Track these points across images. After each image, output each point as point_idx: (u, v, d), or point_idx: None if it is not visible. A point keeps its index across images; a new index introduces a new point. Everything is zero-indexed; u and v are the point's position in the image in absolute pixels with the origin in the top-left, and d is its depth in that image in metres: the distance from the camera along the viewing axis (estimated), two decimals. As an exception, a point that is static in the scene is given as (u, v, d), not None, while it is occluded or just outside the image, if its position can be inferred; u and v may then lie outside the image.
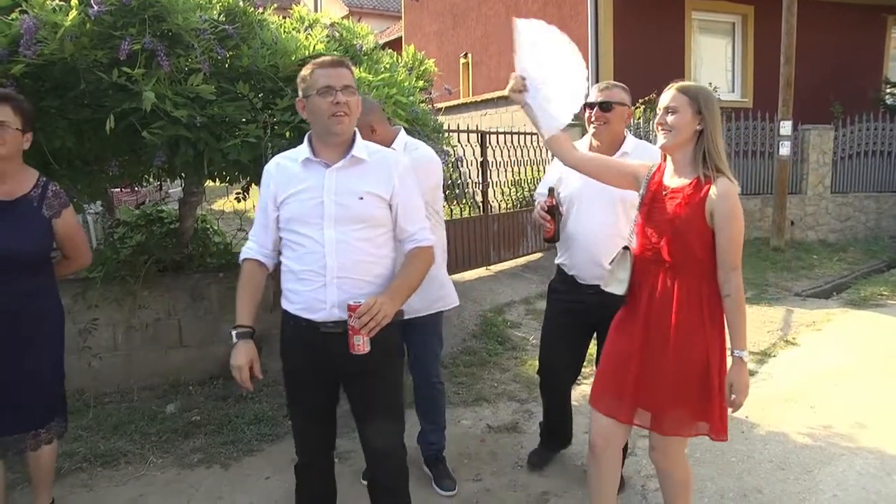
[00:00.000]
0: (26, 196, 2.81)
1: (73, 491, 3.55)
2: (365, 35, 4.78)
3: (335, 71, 2.42)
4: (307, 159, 2.48)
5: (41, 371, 2.86)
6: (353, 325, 2.30)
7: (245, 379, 2.46)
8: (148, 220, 5.45)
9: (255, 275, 2.59)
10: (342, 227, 2.42)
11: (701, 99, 2.53)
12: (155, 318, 4.93)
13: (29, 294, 2.81)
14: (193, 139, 3.66)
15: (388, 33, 21.35)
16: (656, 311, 2.60)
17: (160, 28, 3.41)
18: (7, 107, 2.69)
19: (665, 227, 2.56)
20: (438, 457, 3.70)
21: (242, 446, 4.00)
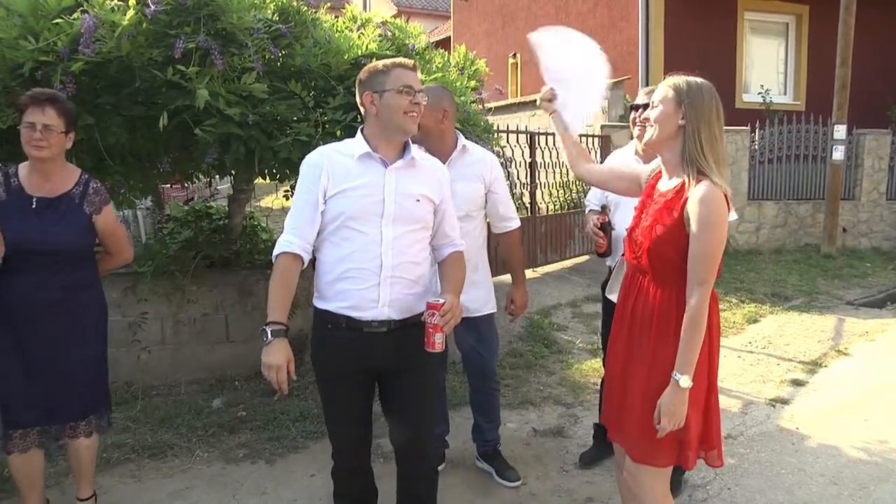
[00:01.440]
0: (68, 193, 2.87)
1: (122, 481, 3.60)
2: (417, 35, 4.77)
3: (415, 74, 2.51)
4: (366, 154, 2.46)
5: (81, 364, 2.92)
6: (437, 323, 2.34)
7: (282, 380, 2.31)
8: (197, 216, 5.53)
9: (292, 270, 2.44)
10: (400, 227, 2.46)
11: (685, 92, 2.31)
12: (203, 314, 4.99)
13: (71, 288, 2.87)
14: (245, 137, 3.69)
15: (436, 33, 21.38)
16: (638, 324, 2.43)
17: (214, 27, 3.44)
18: (52, 110, 2.74)
19: (646, 233, 2.38)
20: (496, 450, 3.72)
21: (287, 443, 4.02)
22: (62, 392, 2.87)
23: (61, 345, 2.86)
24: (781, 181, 10.58)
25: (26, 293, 2.80)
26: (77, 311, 2.91)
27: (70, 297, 2.87)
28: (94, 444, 3.08)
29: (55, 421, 2.93)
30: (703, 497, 3.49)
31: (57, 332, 2.85)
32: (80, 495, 3.13)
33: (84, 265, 2.96)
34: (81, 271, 2.93)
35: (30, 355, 2.82)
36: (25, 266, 2.78)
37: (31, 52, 3.27)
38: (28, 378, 2.82)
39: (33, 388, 2.83)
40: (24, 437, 2.88)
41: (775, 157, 10.49)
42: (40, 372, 2.83)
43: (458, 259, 2.64)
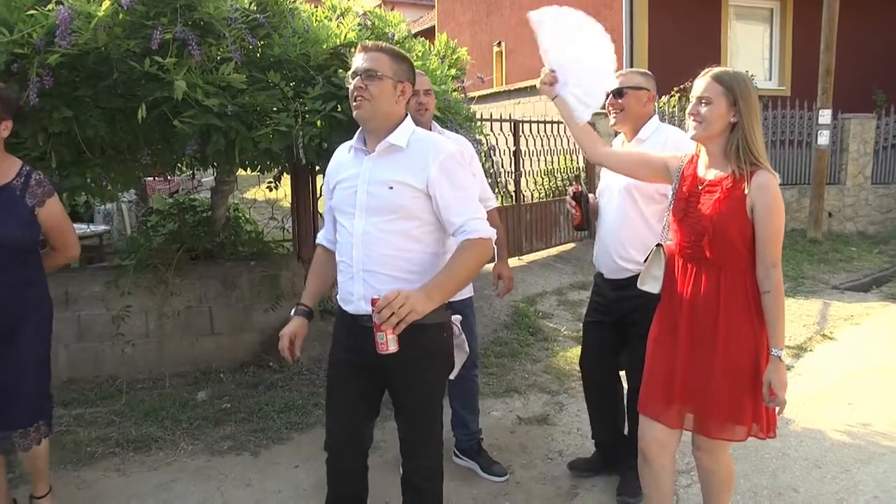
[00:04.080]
0: (9, 185, 2.74)
1: (107, 475, 3.59)
2: (397, 24, 4.75)
3: (364, 55, 2.36)
4: (354, 147, 2.45)
5: (27, 366, 2.79)
6: (375, 320, 2.11)
7: (284, 347, 2.52)
8: (180, 208, 5.49)
9: (321, 259, 2.68)
10: (372, 218, 2.33)
11: (737, 89, 2.40)
12: (186, 306, 4.96)
13: (14, 285, 2.75)
14: (225, 128, 3.66)
15: (421, 22, 21.28)
16: (701, 311, 2.50)
17: (192, 17, 3.41)
18: None
19: (705, 222, 2.45)
20: (479, 445, 3.70)
21: (272, 434, 4.02)
22: (9, 396, 2.74)
23: (5, 346, 2.74)
24: (766, 167, 10.62)
25: None
26: (22, 309, 2.78)
27: (14, 295, 2.75)
28: (45, 447, 2.96)
29: (4, 428, 2.79)
30: (688, 483, 3.51)
31: (1, 333, 2.73)
32: (36, 493, 3.06)
33: (28, 261, 2.82)
34: (25, 267, 2.80)
35: None
36: None
37: (5, 45, 3.22)
38: None
39: None
40: None
41: (762, 143, 10.53)
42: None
43: (463, 248, 2.31)
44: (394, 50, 2.41)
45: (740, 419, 2.48)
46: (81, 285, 4.70)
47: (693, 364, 2.52)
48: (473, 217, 2.34)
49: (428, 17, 21.59)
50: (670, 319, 2.62)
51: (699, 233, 2.47)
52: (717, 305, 2.47)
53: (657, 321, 2.69)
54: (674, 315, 2.60)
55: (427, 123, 3.37)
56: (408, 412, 2.48)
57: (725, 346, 2.46)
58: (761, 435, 2.51)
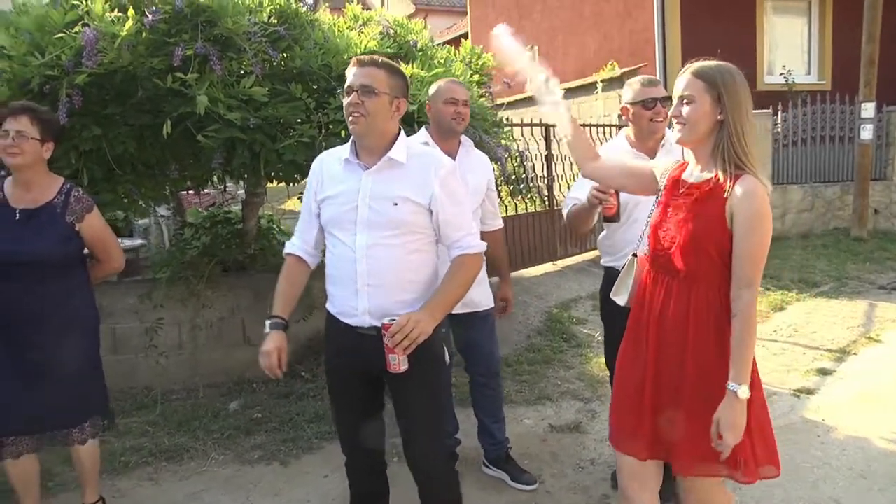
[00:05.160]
0: (50, 203, 2.89)
1: (140, 484, 3.65)
2: (419, 31, 4.77)
3: (359, 70, 2.36)
4: (346, 160, 2.44)
5: (71, 372, 2.92)
6: (387, 343, 2.25)
7: (271, 364, 2.44)
8: (213, 221, 5.57)
9: (293, 270, 2.61)
10: (375, 233, 2.36)
11: (721, 83, 2.13)
12: (219, 318, 5.02)
13: (59, 296, 2.90)
14: (249, 141, 3.72)
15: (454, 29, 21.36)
16: (669, 330, 2.23)
17: (212, 33, 3.48)
18: (25, 117, 2.79)
19: (679, 228, 2.19)
20: (507, 454, 3.66)
21: (302, 444, 4.04)
22: (52, 400, 2.88)
23: (51, 354, 2.87)
24: (807, 164, 10.36)
25: (15, 303, 2.84)
26: (67, 319, 2.93)
27: (59, 306, 2.90)
28: (93, 450, 3.10)
29: (45, 428, 2.95)
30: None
31: (47, 341, 2.87)
32: (84, 500, 3.18)
33: (71, 274, 2.97)
34: (69, 280, 2.95)
35: (20, 364, 2.85)
36: (13, 277, 2.82)
37: (38, 68, 3.34)
38: (17, 387, 2.85)
39: (22, 397, 2.85)
40: (15, 443, 2.92)
41: (799, 140, 10.26)
42: (30, 381, 2.86)
43: (459, 265, 2.44)
44: (390, 64, 2.42)
45: (711, 456, 2.16)
46: (116, 299, 4.79)
47: (660, 389, 2.27)
48: (469, 232, 2.47)
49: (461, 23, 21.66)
50: (638, 337, 2.37)
51: (671, 240, 2.22)
52: (686, 326, 2.20)
53: (626, 338, 2.44)
54: (642, 333, 2.35)
55: (460, 134, 3.36)
56: (413, 418, 2.53)
57: (694, 372, 2.19)
58: (741, 478, 2.19)
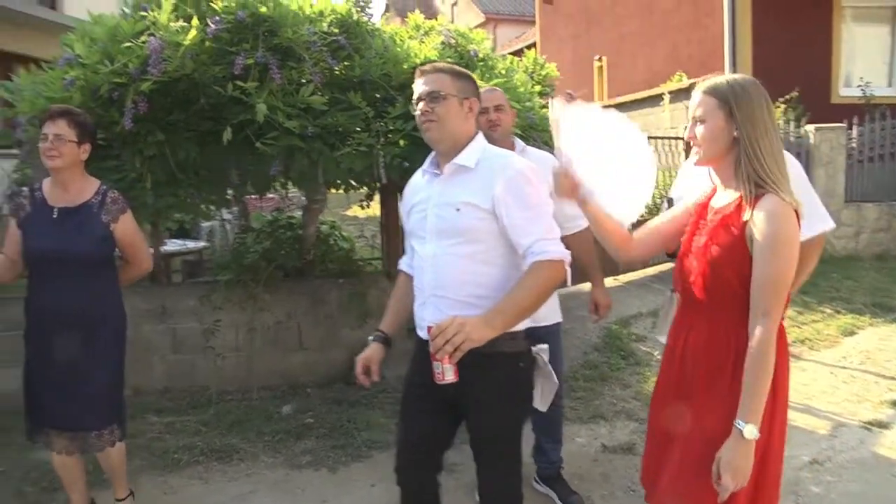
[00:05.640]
0: (87, 203, 2.97)
1: (190, 482, 3.73)
2: (480, 41, 4.75)
3: (423, 78, 2.35)
4: (426, 170, 2.43)
5: (99, 372, 2.99)
6: (430, 349, 2.06)
7: (359, 373, 2.48)
8: (275, 226, 5.66)
9: (401, 285, 2.62)
10: (441, 242, 2.29)
11: (732, 98, 1.99)
12: (276, 322, 5.10)
13: (89, 296, 2.96)
14: (307, 149, 3.76)
15: (523, 38, 21.32)
16: (690, 366, 2.09)
17: (272, 42, 3.54)
18: (63, 121, 2.86)
19: (700, 256, 2.06)
20: (558, 473, 3.60)
21: (352, 451, 4.05)
22: (82, 398, 2.95)
23: (81, 352, 2.94)
24: (884, 181, 9.87)
25: (48, 300, 2.93)
26: (96, 319, 2.99)
27: (90, 305, 2.96)
28: (120, 450, 3.17)
29: (76, 426, 3.00)
30: None
31: (77, 339, 2.93)
32: (116, 496, 3.29)
33: (103, 274, 3.04)
34: (100, 280, 3.02)
35: (52, 361, 2.93)
36: (48, 274, 2.91)
37: (107, 75, 3.46)
38: (49, 383, 2.94)
39: (54, 393, 2.94)
40: (58, 438, 3.01)
41: (876, 155, 9.79)
42: (61, 378, 2.93)
43: (530, 271, 2.21)
44: (453, 68, 2.40)
45: (693, 497, 2.00)
46: (177, 300, 4.92)
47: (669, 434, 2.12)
48: (543, 237, 2.22)
49: (530, 32, 21.61)
50: (664, 378, 2.24)
51: (694, 269, 2.09)
52: (705, 361, 2.05)
53: (658, 380, 2.31)
54: (666, 374, 2.21)
55: (500, 140, 3.28)
56: (480, 444, 2.41)
57: (699, 409, 2.03)
58: None
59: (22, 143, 3.82)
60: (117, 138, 3.67)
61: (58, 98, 3.51)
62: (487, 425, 2.35)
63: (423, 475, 2.53)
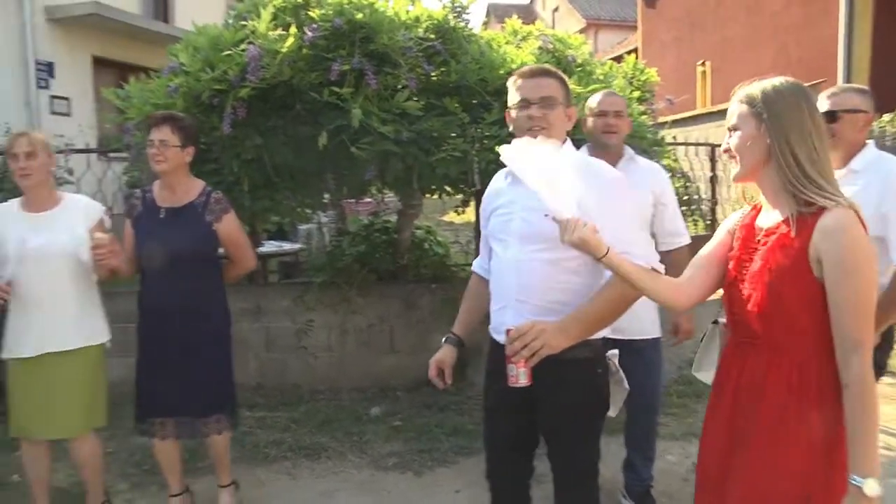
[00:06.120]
0: (192, 203, 3.10)
1: (278, 476, 3.83)
2: (578, 46, 4.68)
3: (533, 81, 2.26)
4: (509, 172, 2.36)
5: (204, 365, 3.12)
6: (506, 352, 2.06)
7: (432, 376, 2.47)
8: (370, 230, 5.75)
9: (474, 287, 2.59)
10: (526, 247, 2.24)
11: (762, 102, 1.77)
12: (368, 324, 5.17)
13: (193, 293, 3.09)
14: (402, 154, 3.79)
15: (624, 44, 20.95)
16: (742, 408, 1.84)
17: (368, 48, 3.59)
18: (166, 127, 2.99)
19: (754, 285, 1.79)
20: (647, 491, 3.49)
21: (438, 456, 4.04)
22: (187, 389, 3.09)
23: (186, 346, 3.08)
24: None
25: (156, 296, 3.09)
26: (201, 314, 3.13)
27: (193, 301, 3.10)
28: (224, 440, 3.30)
29: (182, 414, 3.15)
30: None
31: (182, 334, 3.08)
32: (220, 482, 3.42)
33: (207, 271, 3.17)
34: (205, 277, 3.15)
35: (159, 353, 3.10)
36: (156, 271, 3.06)
37: (208, 82, 3.61)
38: (157, 374, 3.10)
39: (162, 384, 3.09)
40: (162, 426, 3.16)
41: None
42: (168, 370, 3.08)
43: (612, 282, 2.15)
44: (560, 73, 2.36)
45: None
46: (271, 300, 5.06)
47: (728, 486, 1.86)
48: (628, 249, 2.14)
49: (632, 38, 21.21)
50: (712, 421, 1.98)
51: (746, 299, 1.82)
52: (762, 400, 1.79)
53: (705, 425, 2.04)
54: (715, 416, 1.96)
55: (615, 147, 3.20)
56: (555, 448, 2.38)
57: (762, 468, 1.76)
58: None
59: (130, 146, 4.03)
60: (216, 143, 3.81)
61: (162, 104, 3.68)
62: (563, 432, 2.31)
63: (513, 483, 2.52)
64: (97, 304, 3.14)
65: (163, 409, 3.14)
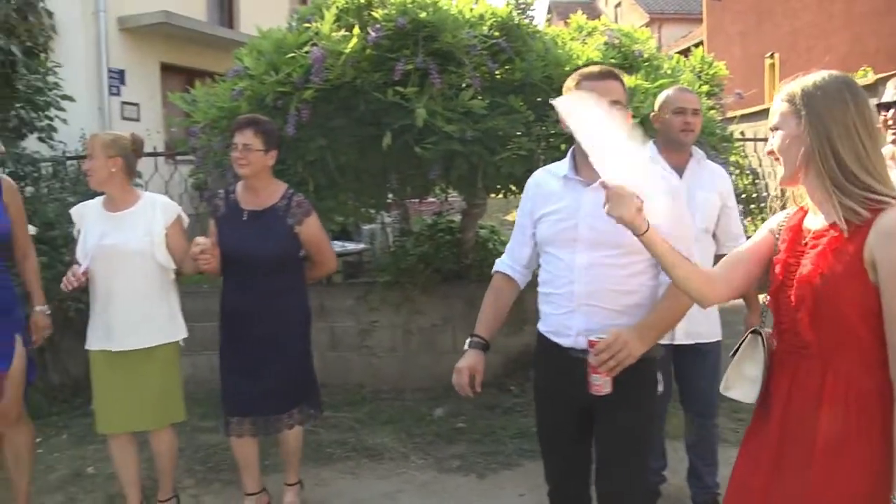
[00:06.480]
0: (274, 206, 3.13)
1: (341, 476, 3.85)
2: (645, 40, 4.57)
3: (602, 84, 2.18)
4: (566, 176, 2.33)
5: (284, 363, 3.16)
6: (591, 362, 2.12)
7: (463, 384, 2.37)
8: (434, 230, 5.74)
9: (501, 288, 2.53)
10: (596, 253, 2.23)
11: (801, 98, 1.67)
12: (431, 324, 5.16)
13: (276, 293, 3.13)
14: (467, 153, 3.75)
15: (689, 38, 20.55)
16: (794, 423, 1.71)
17: (432, 47, 3.56)
18: (249, 130, 3.02)
19: (804, 290, 1.67)
20: (715, 501, 3.37)
21: (502, 459, 4.00)
22: (265, 388, 3.13)
23: (267, 345, 3.12)
24: None
25: (239, 296, 3.14)
26: (281, 314, 3.16)
27: (276, 302, 3.13)
28: (296, 436, 3.34)
29: (259, 412, 3.19)
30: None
31: (264, 333, 3.12)
32: (287, 480, 3.45)
33: (288, 272, 3.19)
34: (286, 278, 3.18)
35: (242, 353, 3.15)
36: (238, 272, 3.11)
37: (272, 85, 3.64)
38: (241, 373, 3.15)
39: (245, 383, 3.14)
40: (239, 424, 3.19)
41: None
42: (250, 368, 3.13)
43: (675, 290, 2.12)
44: (619, 74, 2.29)
45: None
46: (336, 299, 5.10)
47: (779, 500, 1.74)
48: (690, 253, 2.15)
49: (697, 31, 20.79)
50: (757, 434, 1.85)
51: (796, 306, 1.70)
52: (817, 415, 1.66)
53: (746, 434, 1.93)
54: (761, 429, 1.83)
55: (689, 146, 3.12)
56: (609, 445, 2.36)
57: (823, 480, 1.64)
58: None
59: (196, 149, 4.09)
60: (281, 144, 3.82)
61: (227, 108, 3.74)
62: (621, 424, 2.29)
63: (576, 483, 2.48)
64: (173, 302, 3.20)
65: (242, 407, 3.19)
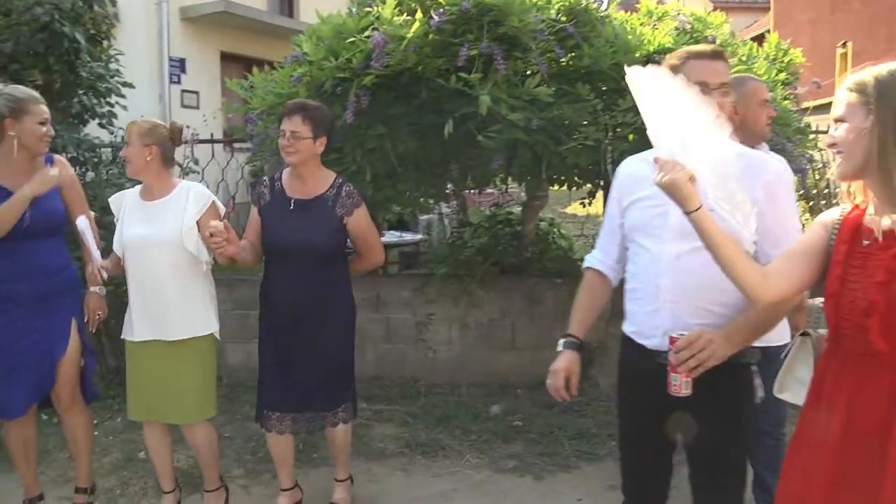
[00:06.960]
0: (323, 195, 3.03)
1: (393, 472, 3.77)
2: (719, 25, 4.36)
3: (712, 65, 2.05)
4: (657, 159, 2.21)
5: (329, 359, 3.08)
6: (671, 360, 1.98)
7: (559, 387, 2.25)
8: (493, 221, 5.61)
9: (593, 285, 2.38)
10: (686, 243, 2.03)
11: (874, 88, 1.57)
12: (489, 319, 5.03)
13: (321, 284, 3.03)
14: (531, 142, 3.62)
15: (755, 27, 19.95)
16: (860, 433, 1.62)
17: (497, 32, 3.43)
18: (297, 117, 2.92)
19: (872, 293, 1.59)
20: None
21: (559, 460, 3.88)
22: (308, 384, 3.05)
23: (311, 339, 3.03)
24: None
25: (282, 287, 3.05)
26: (326, 307, 3.06)
27: (320, 294, 3.03)
28: (344, 433, 3.25)
29: (302, 409, 3.10)
30: None
31: (308, 327, 3.02)
32: (336, 476, 3.39)
33: (334, 264, 3.10)
34: (331, 270, 3.08)
35: (285, 346, 3.06)
36: (282, 262, 3.04)
37: (331, 70, 3.55)
38: (283, 368, 3.06)
39: (288, 378, 3.05)
40: (280, 420, 3.11)
41: None
42: (294, 363, 3.04)
43: None
44: (727, 55, 2.16)
45: None
46: (391, 290, 5.02)
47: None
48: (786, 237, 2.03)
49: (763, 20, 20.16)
50: (812, 445, 1.76)
51: (863, 310, 1.61)
52: (889, 430, 1.56)
53: (793, 444, 1.84)
54: (819, 439, 1.73)
55: (763, 137, 2.97)
56: (703, 455, 2.21)
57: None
58: None
59: (253, 136, 4.04)
60: (339, 132, 3.74)
61: (285, 94, 3.67)
62: (715, 435, 2.14)
63: (655, 499, 2.38)
64: (207, 294, 3.07)
65: (285, 404, 3.10)
